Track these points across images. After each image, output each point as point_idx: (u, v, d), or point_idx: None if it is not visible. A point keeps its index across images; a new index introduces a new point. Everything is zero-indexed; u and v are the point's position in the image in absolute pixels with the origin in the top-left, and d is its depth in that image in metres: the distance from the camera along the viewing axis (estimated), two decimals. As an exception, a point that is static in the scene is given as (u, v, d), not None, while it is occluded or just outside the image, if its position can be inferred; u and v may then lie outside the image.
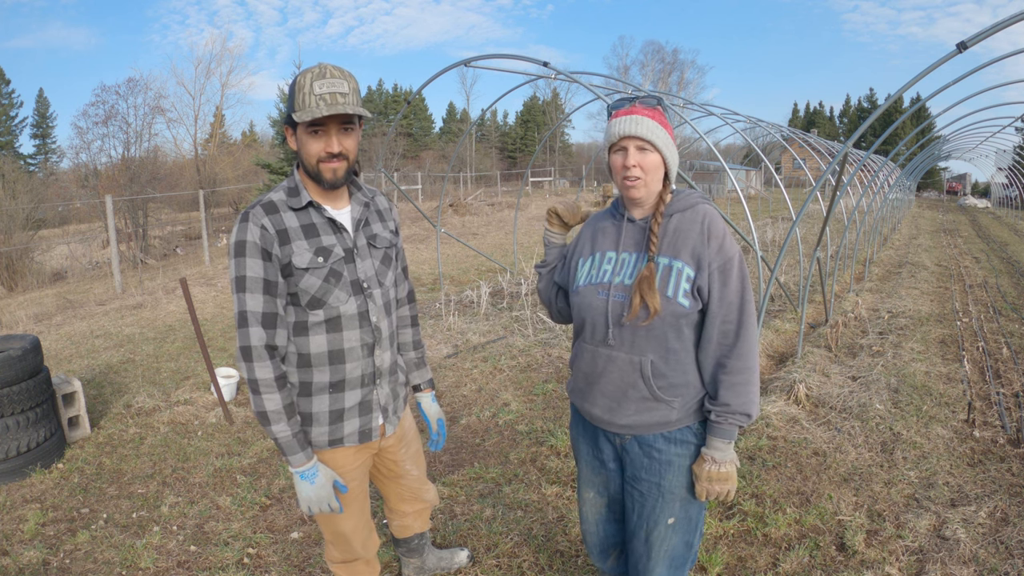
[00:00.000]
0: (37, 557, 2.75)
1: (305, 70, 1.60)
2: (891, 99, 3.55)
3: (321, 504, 1.74)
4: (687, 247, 1.57)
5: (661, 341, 1.58)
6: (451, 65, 6.42)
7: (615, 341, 1.61)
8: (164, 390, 4.87)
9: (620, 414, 1.65)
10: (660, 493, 1.66)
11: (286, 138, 1.70)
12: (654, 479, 1.66)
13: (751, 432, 3.75)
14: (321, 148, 1.62)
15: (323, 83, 1.56)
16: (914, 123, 44.52)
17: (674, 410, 1.61)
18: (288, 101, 1.63)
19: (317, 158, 1.63)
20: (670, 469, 1.64)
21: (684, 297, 1.55)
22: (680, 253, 1.58)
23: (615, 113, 1.60)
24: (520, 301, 7.39)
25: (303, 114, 1.56)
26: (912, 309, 6.97)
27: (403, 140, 47.32)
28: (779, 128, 12.23)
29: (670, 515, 1.67)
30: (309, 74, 1.57)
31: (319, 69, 1.58)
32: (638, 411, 1.63)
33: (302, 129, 1.62)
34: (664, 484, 1.65)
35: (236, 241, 1.62)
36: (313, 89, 1.55)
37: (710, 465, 1.59)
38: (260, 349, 1.62)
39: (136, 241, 16.71)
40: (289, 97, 1.62)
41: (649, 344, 1.58)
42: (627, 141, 1.56)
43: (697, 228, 1.58)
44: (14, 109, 43.70)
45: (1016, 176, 27.11)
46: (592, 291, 1.65)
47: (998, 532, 2.74)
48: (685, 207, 1.63)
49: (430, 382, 2.17)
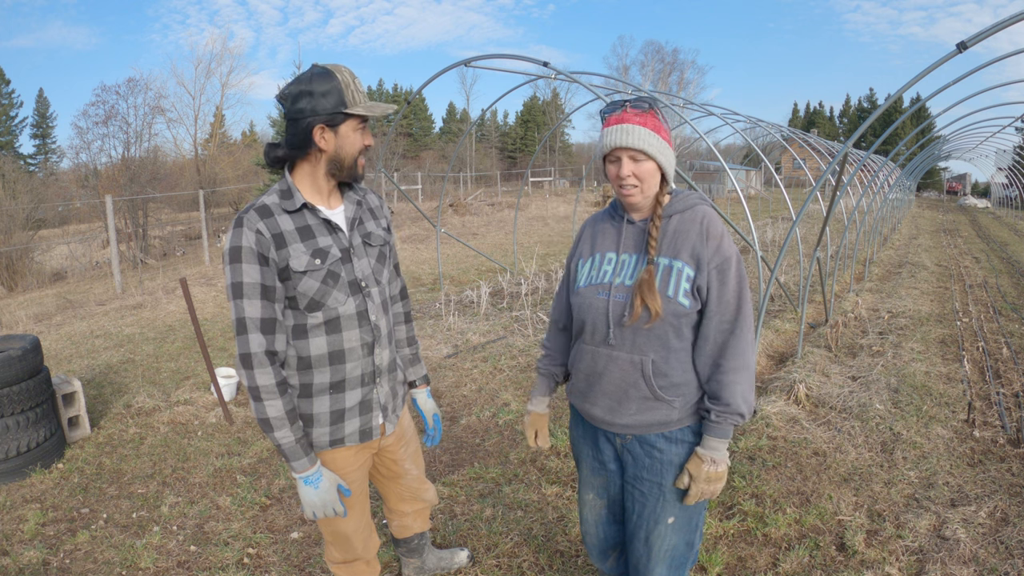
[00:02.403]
0: (37, 557, 2.75)
1: (330, 69, 1.62)
2: (891, 99, 3.55)
3: (326, 509, 1.74)
4: (687, 247, 1.58)
5: (662, 341, 1.58)
6: (451, 65, 6.42)
7: (616, 341, 1.61)
8: (164, 390, 4.87)
9: (621, 414, 1.65)
10: (661, 493, 1.66)
11: (311, 138, 1.63)
12: (655, 479, 1.66)
13: (751, 432, 3.75)
14: (363, 141, 1.69)
15: (358, 82, 1.64)
16: (914, 123, 44.52)
17: (675, 409, 1.62)
18: (326, 99, 1.59)
19: (358, 152, 1.69)
20: (671, 469, 1.65)
21: (685, 297, 1.55)
22: (680, 253, 1.58)
23: (607, 120, 1.59)
24: (520, 301, 7.39)
25: (367, 108, 1.64)
26: (912, 309, 6.96)
27: (403, 140, 47.27)
28: (779, 128, 12.23)
29: (671, 515, 1.67)
30: (345, 72, 1.63)
31: (347, 71, 1.63)
32: (639, 411, 1.63)
33: (352, 125, 1.65)
34: (665, 484, 1.65)
35: (231, 247, 1.61)
36: (359, 87, 1.64)
37: (709, 466, 1.59)
38: (260, 355, 1.61)
39: (136, 241, 16.71)
40: (328, 95, 1.59)
41: (650, 344, 1.58)
42: (620, 152, 1.55)
43: (696, 228, 1.59)
44: (14, 109, 43.68)
45: (1016, 176, 27.11)
46: (592, 292, 1.65)
47: (998, 532, 2.74)
48: (684, 208, 1.63)
49: (425, 378, 2.17)
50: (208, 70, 35.87)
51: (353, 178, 1.73)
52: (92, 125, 22.37)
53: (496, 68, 6.90)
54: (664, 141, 1.58)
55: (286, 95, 1.63)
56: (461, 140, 9.86)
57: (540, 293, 7.91)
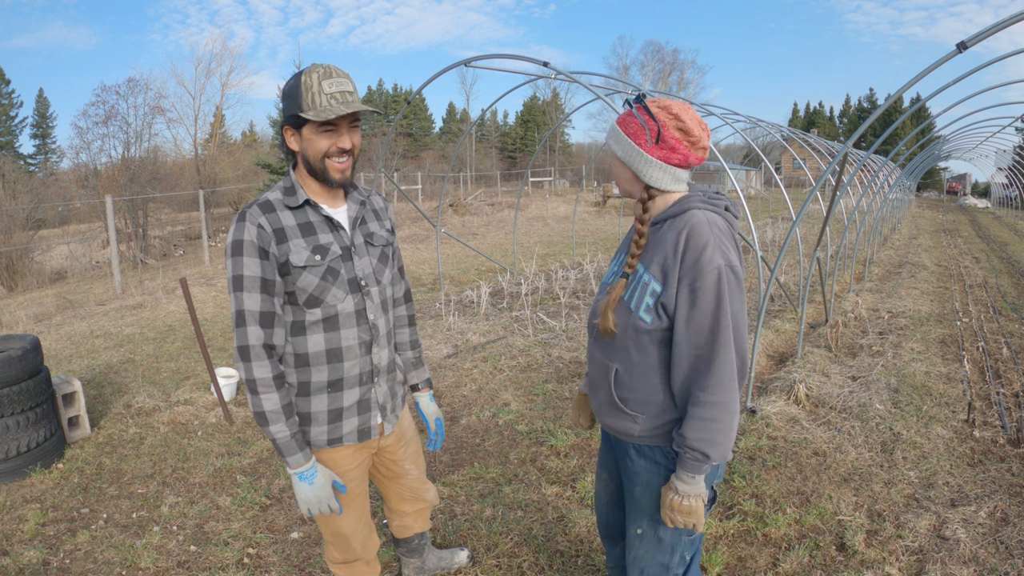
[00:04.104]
0: (37, 557, 2.75)
1: (306, 70, 1.60)
2: (891, 99, 3.55)
3: (320, 505, 1.74)
4: (658, 259, 1.46)
5: (624, 352, 1.54)
6: (451, 65, 6.42)
7: (596, 343, 1.65)
8: (164, 390, 4.87)
9: (599, 412, 1.69)
10: (632, 499, 1.66)
11: (284, 139, 1.68)
12: (628, 483, 1.67)
13: (751, 432, 3.75)
14: (331, 144, 1.62)
15: (331, 82, 1.58)
16: (914, 123, 44.52)
17: (637, 425, 1.56)
18: (291, 101, 1.60)
19: (324, 155, 1.62)
20: (638, 480, 1.61)
21: (646, 312, 1.46)
22: (650, 265, 1.48)
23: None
24: (520, 301, 7.39)
25: (318, 113, 1.56)
26: (912, 309, 6.96)
27: (403, 140, 47.31)
28: (779, 128, 12.22)
29: (637, 525, 1.65)
30: (315, 73, 1.58)
31: (324, 69, 1.59)
32: (608, 414, 1.64)
33: (312, 128, 1.60)
34: (635, 492, 1.64)
35: (233, 240, 1.62)
36: (323, 88, 1.57)
37: (673, 495, 1.49)
38: (258, 348, 1.62)
39: (136, 241, 16.71)
40: (292, 97, 1.60)
41: (616, 353, 1.57)
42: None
43: (673, 239, 1.44)
44: (14, 109, 43.71)
45: (1016, 176, 27.11)
46: (600, 290, 1.70)
47: (998, 532, 2.74)
48: (677, 212, 1.48)
49: (428, 381, 2.17)
50: (208, 70, 35.85)
51: (325, 180, 1.66)
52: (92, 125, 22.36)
53: (496, 68, 6.90)
54: (630, 143, 1.47)
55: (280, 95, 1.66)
56: (461, 140, 9.86)
57: (540, 293, 7.92)
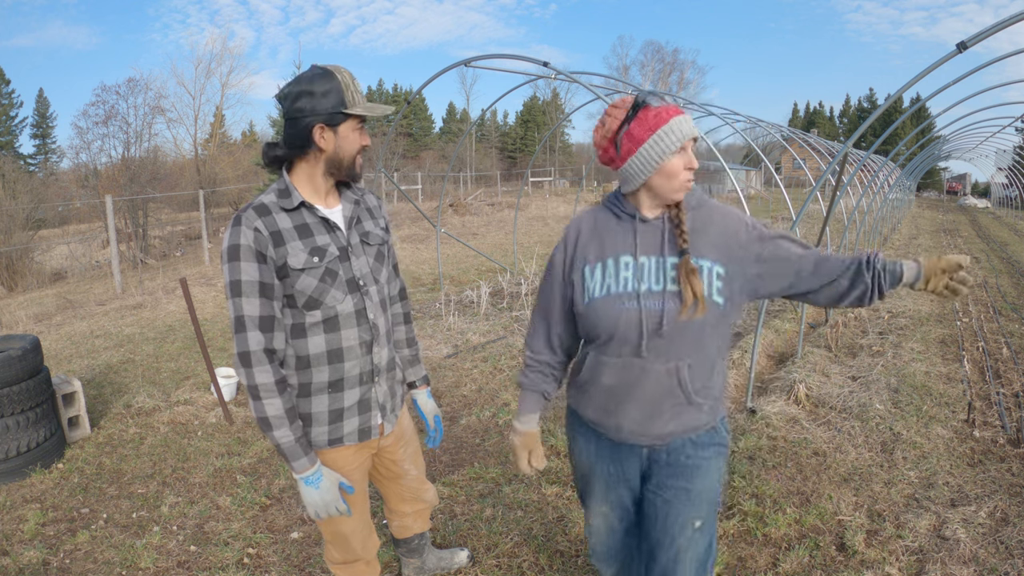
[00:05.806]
0: (37, 557, 2.75)
1: (330, 69, 1.63)
2: (891, 99, 3.55)
3: (328, 508, 1.73)
4: (712, 244, 1.52)
5: (698, 341, 1.52)
6: (451, 65, 6.42)
7: (648, 352, 1.51)
8: (164, 390, 4.87)
9: (653, 424, 1.58)
10: (688, 497, 1.64)
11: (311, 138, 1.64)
12: (683, 484, 1.63)
13: (751, 432, 3.75)
14: (360, 143, 1.71)
15: (357, 84, 1.67)
16: (914, 123, 44.50)
17: (703, 413, 1.60)
18: (325, 99, 1.61)
19: (356, 152, 1.71)
20: (698, 472, 1.62)
21: (718, 295, 1.50)
22: (704, 252, 1.51)
23: (666, 113, 1.47)
24: (520, 301, 7.39)
25: (367, 109, 1.67)
26: (912, 309, 6.96)
27: (403, 140, 47.26)
28: (779, 128, 12.23)
29: (696, 518, 1.65)
30: (345, 73, 1.65)
31: (347, 72, 1.65)
32: (672, 418, 1.58)
33: (350, 126, 1.67)
34: (693, 488, 1.63)
35: (229, 245, 1.61)
36: (358, 88, 1.66)
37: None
38: (259, 353, 1.61)
39: (136, 241, 16.70)
40: (328, 95, 1.61)
41: (685, 348, 1.52)
42: (689, 142, 1.49)
43: (720, 224, 1.55)
44: (14, 109, 43.63)
45: (1016, 176, 27.10)
46: (616, 302, 1.52)
47: (998, 532, 2.74)
48: (697, 205, 1.57)
49: (425, 379, 2.17)
50: (208, 70, 35.77)
51: (352, 177, 1.75)
52: (92, 125, 22.38)
53: (496, 68, 6.90)
54: None
55: (286, 95, 1.64)
56: (461, 140, 9.87)
57: (540, 293, 7.90)
